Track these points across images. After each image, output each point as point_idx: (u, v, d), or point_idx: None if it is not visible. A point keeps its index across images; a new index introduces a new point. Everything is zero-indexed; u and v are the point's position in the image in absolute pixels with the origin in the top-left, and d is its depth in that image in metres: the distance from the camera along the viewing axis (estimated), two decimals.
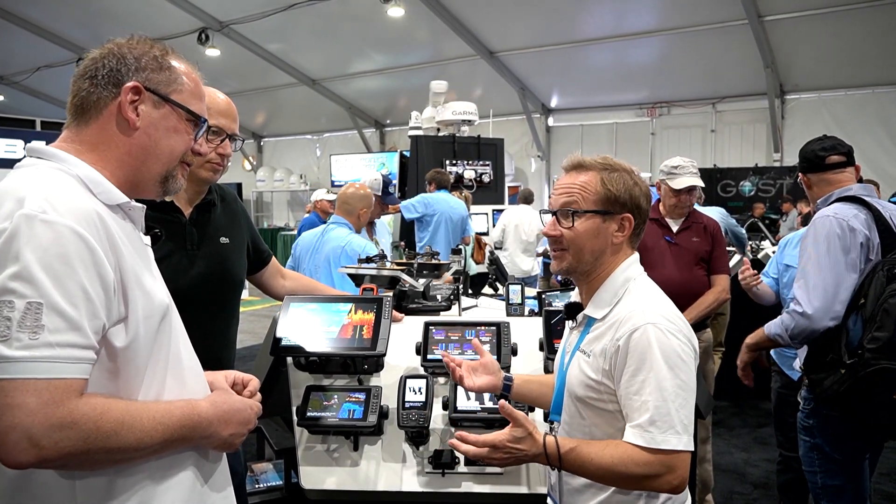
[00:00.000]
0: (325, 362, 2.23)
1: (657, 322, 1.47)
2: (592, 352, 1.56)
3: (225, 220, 2.25)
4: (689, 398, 1.45)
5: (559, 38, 11.83)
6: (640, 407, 1.43)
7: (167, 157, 1.32)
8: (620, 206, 1.59)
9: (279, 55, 14.15)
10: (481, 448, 1.51)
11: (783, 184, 11.54)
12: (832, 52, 10.55)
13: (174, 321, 1.33)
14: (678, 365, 1.44)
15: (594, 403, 1.55)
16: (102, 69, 1.26)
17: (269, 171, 17.89)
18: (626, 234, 1.61)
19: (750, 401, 5.58)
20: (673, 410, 1.41)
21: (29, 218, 1.07)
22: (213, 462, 1.38)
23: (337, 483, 2.16)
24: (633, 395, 1.45)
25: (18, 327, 1.03)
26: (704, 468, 3.67)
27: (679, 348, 1.46)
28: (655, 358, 1.43)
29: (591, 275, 1.64)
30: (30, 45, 14.23)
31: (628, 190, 1.59)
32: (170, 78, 1.30)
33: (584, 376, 1.56)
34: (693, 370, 1.47)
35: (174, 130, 1.31)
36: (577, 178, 1.62)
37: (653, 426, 1.41)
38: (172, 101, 1.30)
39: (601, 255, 1.61)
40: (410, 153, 8.44)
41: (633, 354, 1.46)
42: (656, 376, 1.43)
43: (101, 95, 1.25)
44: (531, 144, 14.80)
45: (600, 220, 1.59)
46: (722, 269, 3.60)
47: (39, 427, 1.03)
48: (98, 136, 1.26)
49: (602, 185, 1.59)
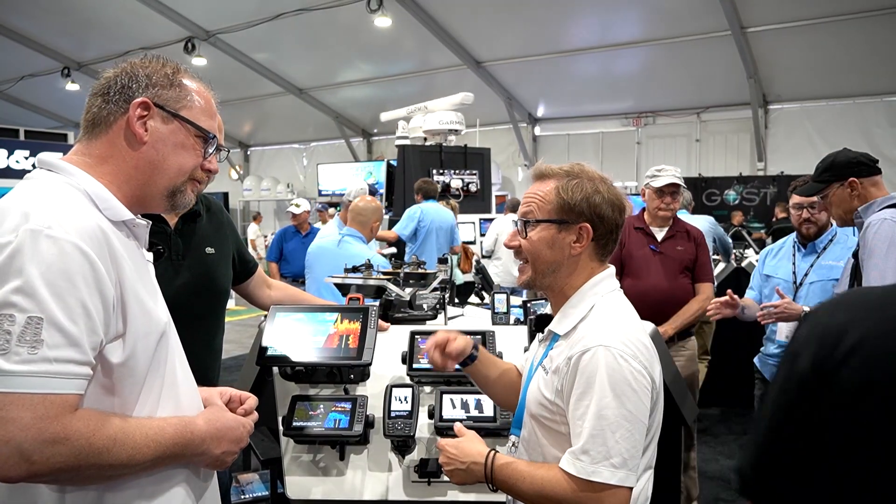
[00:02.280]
0: (311, 372, 2.22)
1: (611, 345, 1.38)
2: (550, 369, 1.49)
3: (210, 231, 2.25)
4: (635, 430, 1.35)
5: (545, 48, 11.92)
6: (580, 433, 1.36)
7: (175, 172, 1.32)
8: (577, 216, 1.51)
9: (266, 64, 14.13)
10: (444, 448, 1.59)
11: (767, 192, 11.65)
12: (814, 63, 10.69)
13: (172, 339, 1.33)
14: (625, 393, 1.35)
15: (547, 423, 1.49)
16: (115, 86, 1.28)
17: (255, 180, 17.82)
18: (584, 244, 1.51)
19: (735, 408, 5.62)
20: (611, 441, 1.33)
21: (34, 233, 1.08)
22: (204, 480, 1.38)
23: (323, 493, 2.16)
24: (576, 419, 1.38)
25: (18, 341, 1.04)
26: (689, 475, 3.68)
27: (630, 375, 1.36)
28: (602, 383, 1.35)
29: (554, 288, 1.57)
30: (14, 54, 14.13)
31: (586, 198, 1.50)
32: (180, 95, 1.32)
33: (539, 395, 1.50)
34: (646, 402, 1.38)
35: (182, 146, 1.32)
36: (538, 187, 1.57)
37: (585, 455, 1.34)
38: (181, 117, 1.31)
39: (558, 267, 1.53)
40: (398, 162, 8.46)
41: (581, 377, 1.38)
42: (598, 403, 1.34)
43: (112, 111, 1.27)
44: (518, 153, 14.86)
45: (555, 229, 1.52)
46: (706, 278, 3.63)
47: (32, 442, 1.03)
48: (107, 150, 1.27)
49: (557, 194, 1.52)
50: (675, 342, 3.52)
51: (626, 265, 3.60)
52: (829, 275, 3.00)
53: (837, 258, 2.99)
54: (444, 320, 2.81)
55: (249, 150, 19.61)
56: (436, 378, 2.23)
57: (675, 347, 3.52)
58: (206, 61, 12.93)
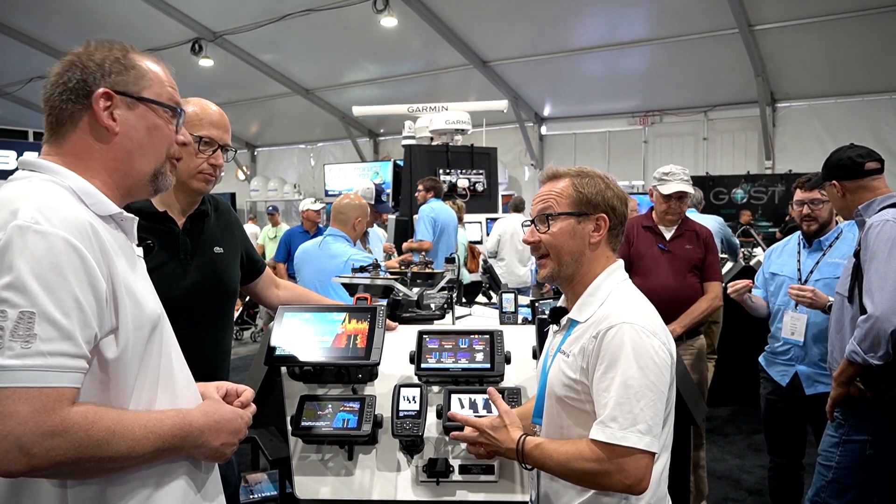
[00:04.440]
0: (320, 372, 2.23)
1: (634, 322, 1.50)
2: (572, 352, 1.59)
3: (218, 231, 2.25)
4: (657, 400, 1.46)
5: (552, 47, 11.88)
6: (606, 403, 1.45)
7: (153, 155, 1.32)
8: (594, 207, 1.66)
9: (273, 65, 14.15)
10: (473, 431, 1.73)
11: (775, 191, 11.60)
12: (822, 60, 10.63)
13: (166, 332, 1.33)
14: (649, 366, 1.46)
15: (573, 403, 1.58)
16: (69, 82, 1.26)
17: (262, 180, 17.85)
18: (603, 233, 1.66)
19: (744, 407, 5.60)
20: (637, 409, 1.42)
21: (22, 229, 1.08)
22: (205, 472, 1.39)
23: (331, 492, 2.16)
24: (602, 391, 1.47)
25: (11, 336, 1.04)
26: (699, 475, 3.67)
27: (653, 350, 1.47)
28: (627, 356, 1.45)
29: (575, 278, 1.68)
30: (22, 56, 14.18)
31: (600, 192, 1.66)
32: (137, 76, 1.30)
33: (563, 376, 1.59)
34: (666, 376, 1.49)
35: (155, 127, 1.32)
36: (552, 186, 1.71)
37: (614, 422, 1.43)
38: (145, 98, 1.30)
39: (580, 255, 1.66)
40: (404, 162, 8.46)
41: (607, 351, 1.48)
42: (624, 373, 1.44)
43: (74, 110, 1.26)
44: (524, 153, 14.83)
45: (575, 220, 1.66)
46: (715, 276, 3.63)
47: (31, 435, 1.03)
48: (80, 148, 1.27)
49: (575, 189, 1.67)
50: (684, 341, 3.51)
51: (634, 264, 3.59)
52: (835, 273, 2.98)
53: (843, 256, 2.98)
54: (451, 320, 2.81)
55: (256, 150, 19.65)
56: (444, 378, 2.23)
57: (683, 346, 3.51)
58: (213, 62, 12.96)
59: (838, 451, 2.56)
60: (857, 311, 2.46)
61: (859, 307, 2.44)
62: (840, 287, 2.66)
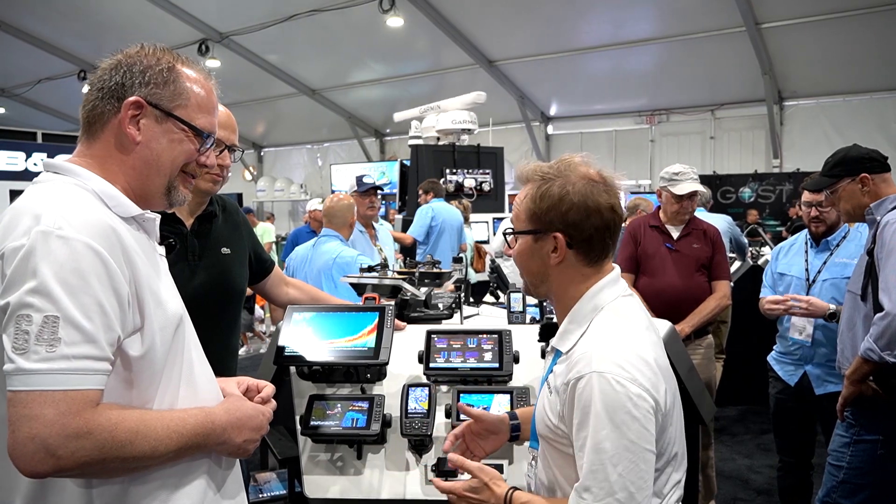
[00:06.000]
0: (329, 371, 2.23)
1: (605, 370, 1.28)
2: (553, 387, 1.42)
3: (226, 231, 2.26)
4: (640, 460, 1.26)
5: (558, 46, 11.88)
6: (581, 465, 1.29)
7: (169, 169, 1.32)
8: (546, 225, 1.42)
9: (279, 65, 14.19)
10: (450, 493, 1.51)
11: (783, 190, 11.56)
12: (830, 58, 10.59)
13: (187, 330, 1.35)
14: (625, 422, 1.25)
15: (554, 444, 1.43)
16: (109, 81, 1.27)
17: (269, 181, 17.89)
18: (561, 254, 1.42)
19: (752, 407, 5.58)
20: (613, 475, 1.25)
21: (45, 234, 1.10)
22: (225, 469, 1.40)
23: (340, 491, 2.16)
24: (578, 450, 1.31)
25: (36, 340, 1.06)
26: (707, 474, 3.66)
27: (629, 401, 1.26)
28: (597, 413, 1.27)
29: (554, 298, 1.51)
30: (31, 57, 14.28)
31: (552, 206, 1.41)
32: (174, 92, 1.30)
33: (545, 415, 1.44)
34: (649, 427, 1.29)
35: (178, 142, 1.32)
36: (520, 193, 1.50)
37: (587, 493, 1.27)
38: (175, 116, 1.30)
39: (545, 276, 1.47)
40: (411, 162, 8.47)
41: (578, 406, 1.30)
42: (595, 435, 1.27)
43: (105, 109, 1.27)
44: (531, 152, 14.82)
45: (531, 240, 1.46)
46: (723, 276, 3.61)
47: (56, 437, 1.06)
48: (105, 151, 1.28)
49: (532, 201, 1.44)
50: (692, 340, 3.50)
51: (641, 264, 3.59)
52: (843, 272, 2.97)
53: (851, 255, 2.96)
54: (459, 319, 2.81)
55: (263, 150, 19.70)
56: (452, 377, 2.23)
57: (691, 346, 3.50)
58: (220, 63, 13.01)
59: (849, 451, 2.55)
60: (871, 309, 2.44)
61: (873, 305, 2.43)
62: (852, 285, 2.64)
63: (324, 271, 3.74)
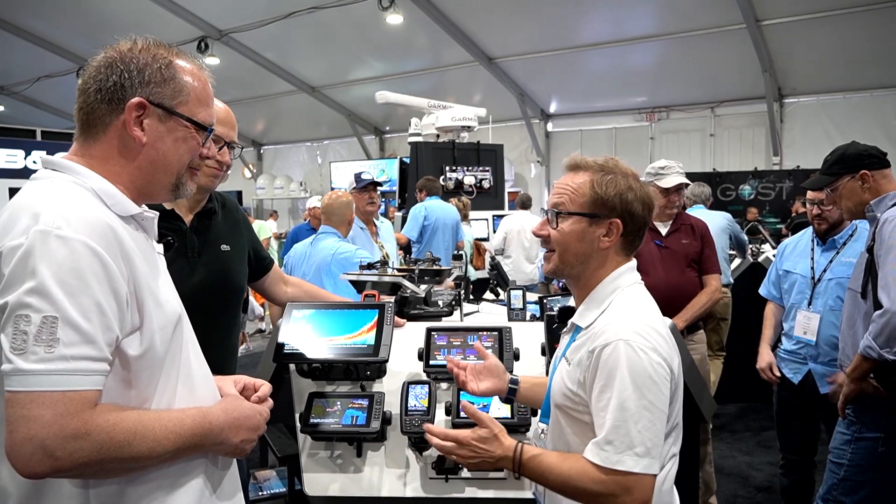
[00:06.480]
0: (328, 369, 2.23)
1: (630, 339, 1.42)
2: (573, 360, 1.53)
3: (225, 228, 2.26)
4: (656, 420, 1.40)
5: (558, 43, 11.86)
6: (603, 424, 1.40)
7: (176, 167, 1.32)
8: (609, 210, 1.55)
9: (278, 63, 14.17)
10: (445, 441, 1.56)
11: (783, 187, 11.54)
12: (830, 55, 10.57)
13: (185, 329, 1.35)
14: (646, 385, 1.39)
15: (571, 413, 1.53)
16: (107, 82, 1.25)
17: (269, 178, 17.88)
18: (614, 239, 1.56)
19: (753, 404, 5.58)
20: (634, 431, 1.37)
21: (44, 234, 1.09)
22: (222, 469, 1.40)
23: (340, 489, 2.16)
24: (599, 411, 1.42)
25: (35, 341, 1.06)
26: (706, 469, 3.66)
27: (650, 367, 1.40)
28: (623, 376, 1.39)
29: (580, 280, 1.60)
30: (30, 55, 14.25)
31: (620, 194, 1.54)
32: (175, 89, 1.29)
33: (563, 385, 1.54)
34: (666, 392, 1.43)
35: (182, 140, 1.31)
36: (571, 179, 1.60)
37: (609, 445, 1.38)
38: (178, 113, 1.30)
39: (586, 259, 1.57)
40: (410, 159, 8.46)
41: (603, 370, 1.42)
42: (620, 395, 1.38)
43: (106, 111, 1.25)
44: (531, 150, 14.81)
45: (586, 223, 1.55)
46: (713, 269, 3.60)
47: (54, 438, 1.05)
48: (107, 152, 1.27)
49: (591, 188, 1.55)
50: (685, 336, 3.50)
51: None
52: (849, 272, 2.93)
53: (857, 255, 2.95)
54: (459, 316, 2.81)
55: (262, 148, 19.69)
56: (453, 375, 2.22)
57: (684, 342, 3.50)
58: (219, 60, 12.99)
59: (850, 448, 2.54)
60: (871, 306, 2.44)
61: (873, 302, 2.42)
62: (853, 283, 2.63)
63: (322, 268, 3.75)
